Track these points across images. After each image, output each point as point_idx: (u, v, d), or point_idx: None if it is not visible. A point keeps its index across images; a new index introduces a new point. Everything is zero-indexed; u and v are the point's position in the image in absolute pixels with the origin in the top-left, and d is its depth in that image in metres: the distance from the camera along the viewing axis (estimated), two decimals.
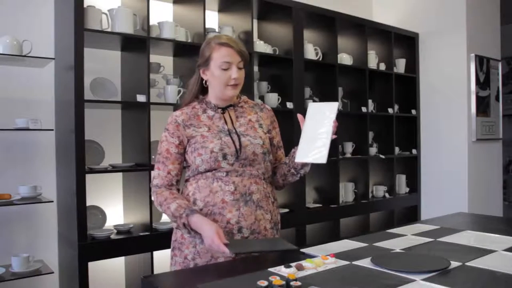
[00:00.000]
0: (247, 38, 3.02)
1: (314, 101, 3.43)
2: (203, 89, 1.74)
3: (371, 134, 3.91)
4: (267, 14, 3.35)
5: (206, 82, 1.69)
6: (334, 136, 1.50)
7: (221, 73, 1.62)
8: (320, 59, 3.49)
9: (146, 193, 2.53)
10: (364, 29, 3.74)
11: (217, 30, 3.03)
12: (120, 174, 2.77)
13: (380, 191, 3.88)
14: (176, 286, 1.31)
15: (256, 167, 1.65)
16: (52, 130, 2.53)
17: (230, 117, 1.70)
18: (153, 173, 1.67)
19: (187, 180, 1.69)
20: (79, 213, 2.30)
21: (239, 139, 1.64)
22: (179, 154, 1.65)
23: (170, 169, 1.63)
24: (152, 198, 1.63)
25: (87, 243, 2.34)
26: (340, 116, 3.49)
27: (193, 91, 1.73)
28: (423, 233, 1.77)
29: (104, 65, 2.74)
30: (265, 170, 1.69)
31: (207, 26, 2.82)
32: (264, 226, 1.64)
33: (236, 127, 1.68)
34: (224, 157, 1.60)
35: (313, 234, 3.41)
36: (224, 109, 1.70)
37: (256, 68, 3.32)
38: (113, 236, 2.49)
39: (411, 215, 4.10)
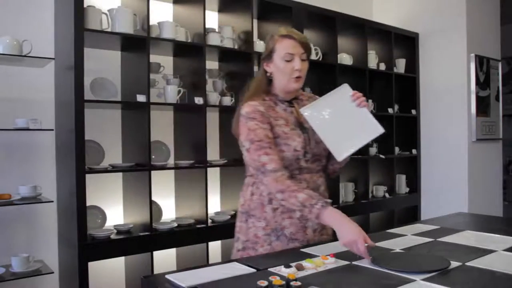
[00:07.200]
0: (247, 38, 3.02)
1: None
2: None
3: None
4: (267, 14, 3.34)
5: (270, 74, 1.69)
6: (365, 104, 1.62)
7: (284, 65, 1.63)
8: (320, 59, 3.49)
9: (146, 193, 2.53)
10: (364, 29, 3.74)
11: (217, 30, 3.03)
12: (120, 174, 2.77)
13: (380, 191, 3.88)
14: (176, 286, 1.31)
15: (321, 161, 1.71)
16: (52, 130, 2.53)
17: (297, 111, 1.70)
18: (261, 158, 1.53)
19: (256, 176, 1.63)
20: (79, 213, 2.30)
21: (314, 135, 1.65)
22: (274, 140, 1.60)
23: (278, 152, 1.57)
24: (264, 184, 1.55)
25: (87, 243, 2.34)
26: None
27: (262, 86, 1.71)
28: (423, 233, 1.77)
29: (104, 65, 2.74)
30: (325, 163, 1.76)
31: (207, 26, 2.82)
32: None
33: (303, 122, 1.68)
34: (305, 154, 1.63)
35: None
36: (290, 102, 1.72)
37: (256, 68, 3.32)
38: (113, 236, 2.49)
39: (411, 215, 4.10)
